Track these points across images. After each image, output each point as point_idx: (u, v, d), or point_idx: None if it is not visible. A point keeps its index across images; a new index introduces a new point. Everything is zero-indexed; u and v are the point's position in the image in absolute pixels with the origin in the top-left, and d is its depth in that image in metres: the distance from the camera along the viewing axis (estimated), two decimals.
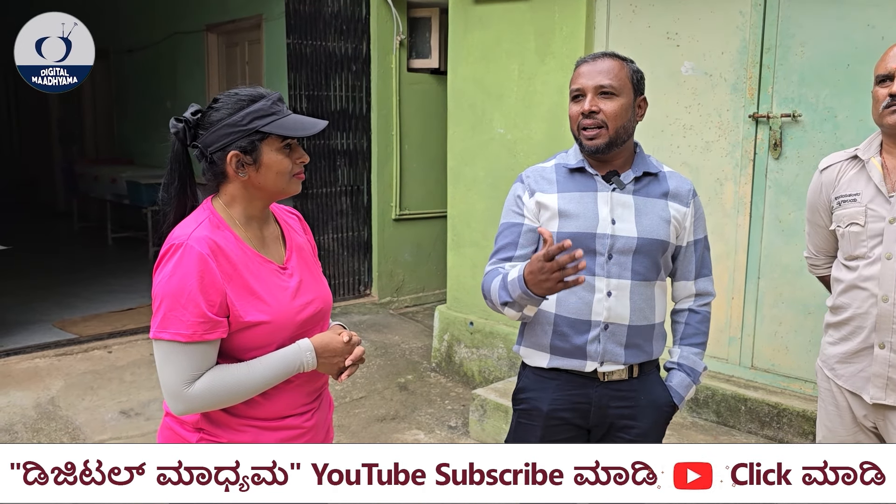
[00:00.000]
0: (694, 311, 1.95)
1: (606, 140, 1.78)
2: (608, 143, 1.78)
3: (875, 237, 1.85)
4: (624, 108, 1.78)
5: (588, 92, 1.79)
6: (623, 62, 1.83)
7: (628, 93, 1.80)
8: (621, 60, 1.83)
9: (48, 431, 3.56)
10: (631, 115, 1.81)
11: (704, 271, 1.95)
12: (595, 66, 1.80)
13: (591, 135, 1.79)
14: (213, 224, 1.50)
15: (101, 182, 8.22)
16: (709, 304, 1.97)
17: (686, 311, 1.96)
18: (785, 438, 3.06)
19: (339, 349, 1.57)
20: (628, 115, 1.80)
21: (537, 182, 1.88)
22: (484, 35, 4.08)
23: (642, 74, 1.86)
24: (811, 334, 3.08)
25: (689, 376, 1.91)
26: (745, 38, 3.17)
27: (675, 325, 1.98)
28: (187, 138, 1.51)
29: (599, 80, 1.78)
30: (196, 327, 1.42)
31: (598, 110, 1.77)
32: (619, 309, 1.82)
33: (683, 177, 1.93)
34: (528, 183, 1.90)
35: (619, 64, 1.81)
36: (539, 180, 1.88)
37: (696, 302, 1.96)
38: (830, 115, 2.97)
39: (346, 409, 3.99)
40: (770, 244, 3.18)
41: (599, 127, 1.78)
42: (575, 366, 1.84)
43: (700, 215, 1.92)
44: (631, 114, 1.81)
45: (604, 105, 1.78)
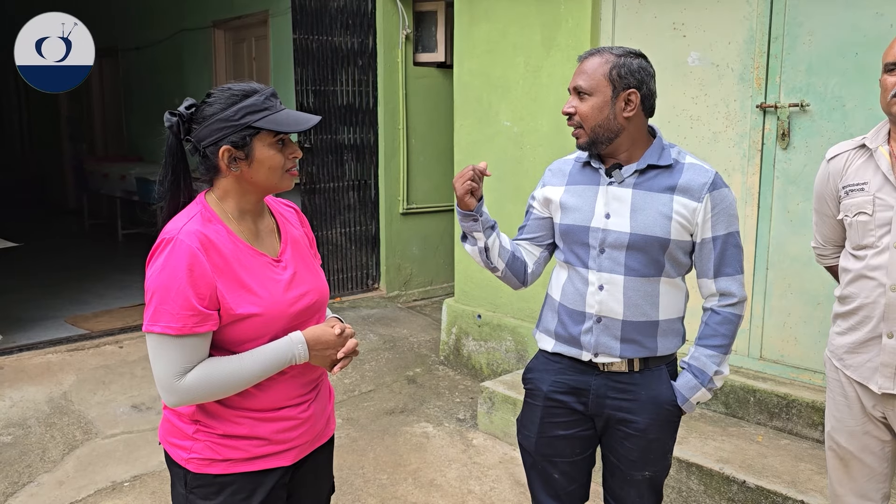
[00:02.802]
0: (715, 312, 1.86)
1: (586, 139, 1.82)
2: (588, 142, 1.82)
3: (883, 226, 1.84)
4: (596, 108, 1.78)
5: (571, 92, 1.84)
6: (609, 57, 1.78)
7: (603, 91, 1.77)
8: (608, 56, 1.78)
9: (61, 426, 3.60)
10: (609, 112, 1.78)
11: (727, 270, 1.84)
12: (581, 65, 1.83)
13: (574, 134, 1.84)
14: (205, 218, 1.51)
15: (111, 179, 8.27)
16: (735, 306, 1.85)
17: (709, 310, 1.88)
18: (794, 430, 3.06)
19: (331, 342, 1.58)
20: (605, 114, 1.78)
21: (553, 175, 1.97)
22: (490, 28, 4.07)
23: (635, 67, 1.79)
24: (820, 325, 3.07)
25: (696, 378, 1.84)
26: (752, 27, 3.15)
27: (701, 323, 1.91)
28: (181, 132, 1.52)
29: (577, 80, 1.81)
30: (186, 320, 1.43)
31: (574, 112, 1.81)
32: (610, 303, 1.82)
33: (705, 169, 1.82)
34: (546, 175, 1.99)
35: (600, 61, 1.78)
36: (556, 173, 1.96)
37: (718, 302, 1.86)
38: (839, 105, 2.95)
39: (354, 403, 4.01)
40: (778, 235, 3.17)
41: (578, 127, 1.82)
42: (574, 353, 1.90)
43: (721, 211, 1.81)
44: (609, 111, 1.78)
45: (578, 106, 1.80)
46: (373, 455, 3.43)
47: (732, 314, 1.86)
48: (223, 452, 1.54)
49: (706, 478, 2.81)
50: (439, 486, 3.17)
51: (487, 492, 3.13)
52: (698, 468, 2.83)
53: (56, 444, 3.45)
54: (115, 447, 3.46)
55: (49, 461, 3.32)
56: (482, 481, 3.22)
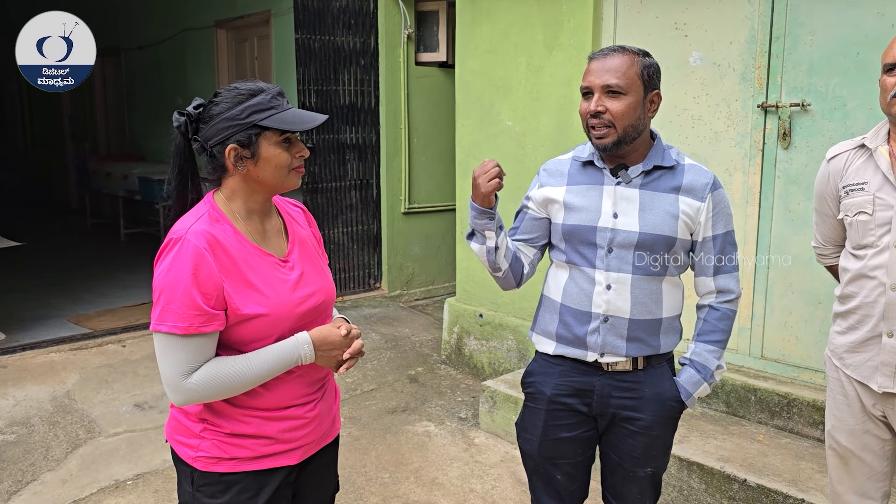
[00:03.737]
0: (713, 308, 1.89)
1: (615, 139, 1.77)
2: (616, 141, 1.78)
3: (883, 226, 1.85)
4: (632, 108, 1.75)
5: (595, 91, 1.77)
6: (634, 57, 1.78)
7: (637, 90, 1.76)
8: (633, 55, 1.78)
9: (64, 424, 3.61)
10: (641, 112, 1.77)
11: (725, 268, 1.88)
12: (604, 63, 1.77)
13: (599, 134, 1.78)
14: (213, 218, 1.52)
15: (114, 178, 8.30)
16: (732, 302, 1.90)
17: (706, 307, 1.91)
18: (795, 429, 3.06)
19: (337, 342, 1.59)
20: (637, 114, 1.77)
21: (550, 175, 1.94)
22: (492, 28, 4.08)
23: (656, 68, 1.81)
24: (821, 324, 3.08)
25: (699, 373, 1.87)
26: (753, 27, 3.15)
27: (697, 320, 1.94)
28: (189, 132, 1.53)
29: (606, 78, 1.75)
30: (192, 320, 1.44)
31: (605, 110, 1.75)
32: (618, 302, 1.83)
33: (704, 170, 1.85)
34: (542, 176, 1.96)
35: (629, 60, 1.76)
36: (553, 174, 1.93)
37: (717, 298, 1.89)
38: (840, 104, 2.96)
39: (357, 402, 4.02)
40: (780, 234, 3.17)
41: (607, 126, 1.76)
42: (577, 354, 1.89)
43: (720, 210, 1.85)
44: (641, 111, 1.77)
45: (610, 105, 1.75)
46: (375, 454, 3.44)
47: (730, 310, 1.90)
48: (230, 451, 1.55)
49: (707, 476, 2.81)
50: (441, 485, 3.18)
51: (489, 490, 3.14)
52: (699, 467, 2.83)
53: (59, 442, 3.47)
54: (119, 446, 3.47)
55: (52, 459, 3.33)
56: (484, 480, 3.23)
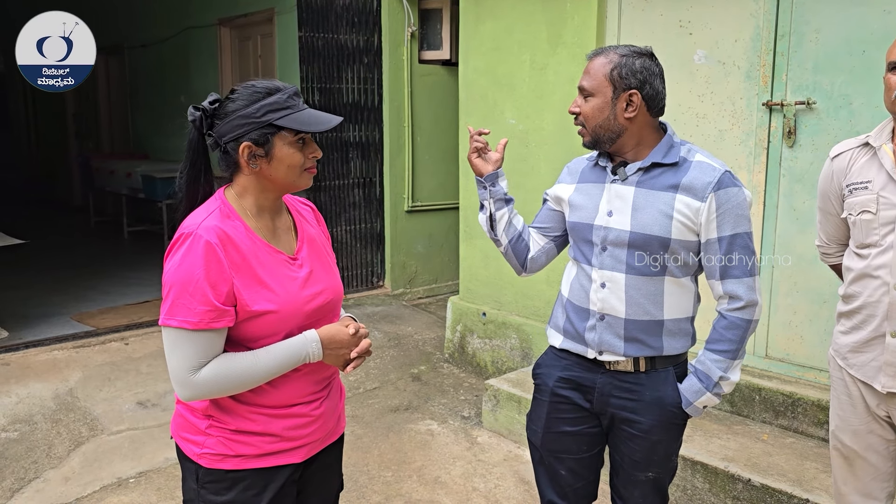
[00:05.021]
0: (722, 316, 1.82)
1: (589, 139, 1.86)
2: (591, 141, 1.86)
3: (887, 225, 1.84)
4: (598, 109, 1.80)
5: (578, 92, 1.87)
6: (609, 59, 1.78)
7: (604, 92, 1.78)
8: (612, 56, 1.78)
9: (67, 422, 3.61)
10: (610, 112, 1.78)
11: (734, 272, 1.78)
12: (587, 65, 1.85)
13: (579, 133, 1.88)
14: (224, 214, 1.52)
15: (117, 176, 8.30)
16: (742, 310, 1.79)
17: (718, 314, 1.84)
18: (799, 428, 3.05)
19: (345, 341, 1.59)
20: (605, 115, 1.79)
21: (568, 173, 2.01)
22: (495, 26, 4.07)
23: (638, 67, 1.77)
24: (826, 323, 3.06)
25: (700, 382, 1.82)
26: (758, 25, 3.14)
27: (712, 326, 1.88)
28: (203, 127, 1.53)
29: (581, 81, 1.84)
30: (203, 315, 1.44)
31: (578, 111, 1.85)
32: (612, 301, 1.83)
33: (711, 168, 1.78)
34: (563, 173, 2.04)
35: (603, 62, 1.79)
36: (571, 171, 2.01)
37: (727, 305, 1.81)
38: (845, 102, 2.94)
39: (359, 400, 4.02)
40: (784, 233, 3.16)
41: (583, 126, 1.85)
42: (580, 350, 1.91)
43: (726, 211, 1.76)
44: (610, 112, 1.78)
45: (583, 106, 1.83)
46: (377, 452, 3.44)
47: (739, 318, 1.79)
48: (235, 448, 1.55)
49: (711, 476, 2.81)
50: (444, 484, 3.17)
51: (492, 489, 3.14)
52: (703, 466, 2.82)
53: (62, 440, 3.47)
54: (121, 444, 3.47)
55: (55, 457, 3.34)
56: (486, 479, 3.22)
